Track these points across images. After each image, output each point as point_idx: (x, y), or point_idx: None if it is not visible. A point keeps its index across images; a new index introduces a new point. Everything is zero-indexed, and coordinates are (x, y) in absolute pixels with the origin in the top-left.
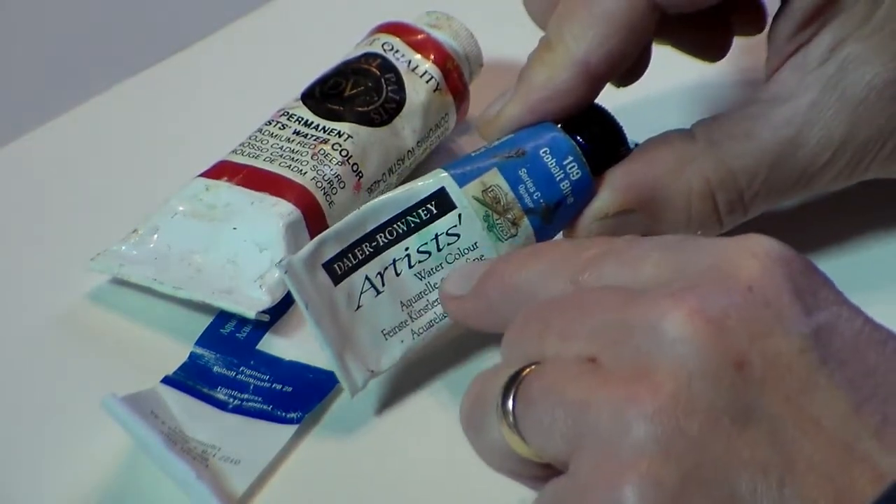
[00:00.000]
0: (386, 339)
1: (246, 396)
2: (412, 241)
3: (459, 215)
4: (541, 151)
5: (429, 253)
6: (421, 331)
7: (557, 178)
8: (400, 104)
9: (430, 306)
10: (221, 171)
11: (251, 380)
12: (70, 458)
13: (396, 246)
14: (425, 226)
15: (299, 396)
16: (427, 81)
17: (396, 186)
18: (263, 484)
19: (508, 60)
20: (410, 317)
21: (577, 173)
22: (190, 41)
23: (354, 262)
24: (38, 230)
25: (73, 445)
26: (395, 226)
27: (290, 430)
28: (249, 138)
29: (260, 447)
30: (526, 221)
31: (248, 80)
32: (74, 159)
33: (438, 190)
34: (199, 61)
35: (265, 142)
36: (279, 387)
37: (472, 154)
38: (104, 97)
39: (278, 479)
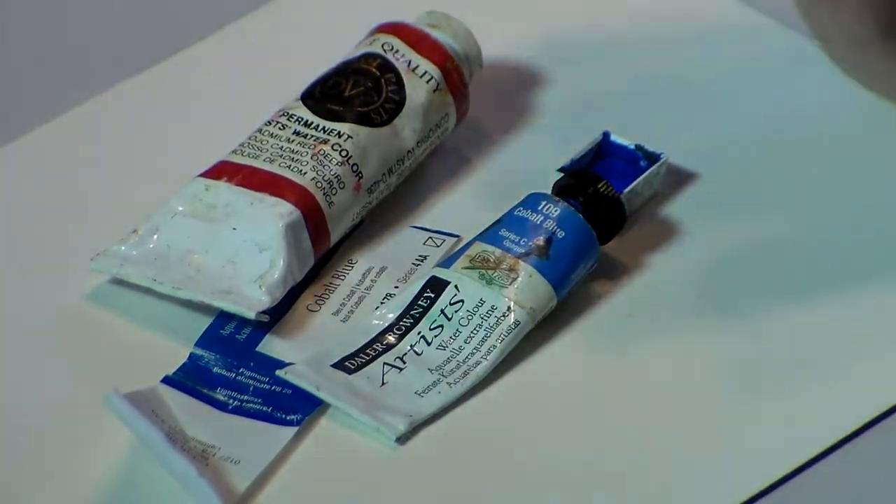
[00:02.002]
0: (422, 397)
1: (246, 398)
2: (422, 326)
3: (456, 285)
4: (515, 211)
5: (441, 326)
6: (457, 380)
7: (538, 222)
8: (400, 104)
9: (460, 364)
10: (221, 171)
11: (251, 381)
12: (70, 457)
13: (408, 336)
14: (428, 310)
15: (299, 399)
16: (427, 81)
17: (396, 186)
18: (264, 484)
19: (508, 60)
20: (443, 375)
21: (556, 210)
22: (190, 41)
23: (367, 359)
24: (38, 230)
25: (73, 445)
26: (401, 323)
27: (290, 431)
28: (249, 138)
29: (260, 448)
30: (522, 264)
31: (248, 80)
32: (74, 159)
33: (429, 279)
34: (199, 61)
35: (265, 142)
36: (279, 389)
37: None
38: (104, 97)
39: (278, 479)
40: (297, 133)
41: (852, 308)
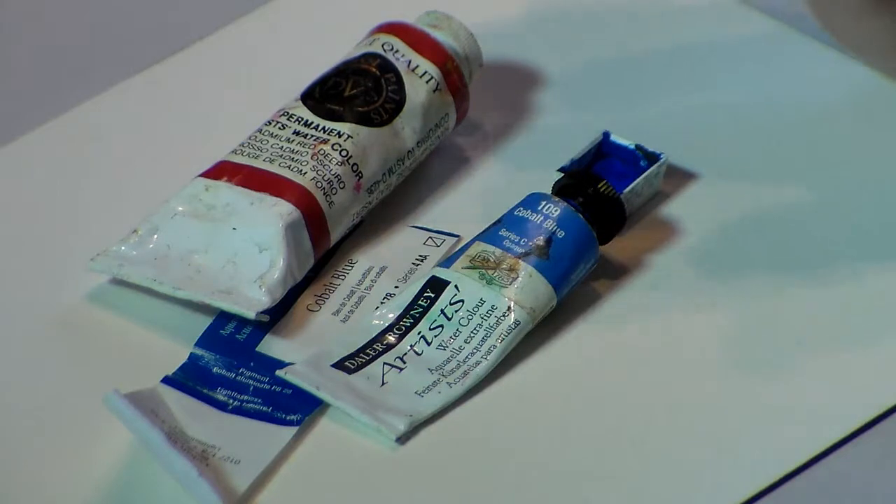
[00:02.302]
0: (422, 397)
1: (246, 398)
2: (422, 326)
3: (455, 285)
4: (515, 211)
5: (441, 326)
6: (457, 380)
7: (538, 222)
8: (400, 104)
9: (460, 364)
10: (221, 171)
11: (251, 381)
12: (70, 457)
13: (408, 336)
14: (428, 310)
15: (299, 399)
16: (427, 81)
17: (396, 186)
18: (264, 484)
19: (508, 60)
20: (443, 375)
21: (556, 210)
22: (190, 41)
23: (367, 359)
24: (38, 230)
25: (73, 445)
26: (401, 323)
27: (290, 431)
28: (249, 138)
29: (260, 448)
30: (523, 264)
31: (248, 79)
32: (74, 159)
33: (429, 279)
34: (200, 61)
35: (265, 142)
36: (279, 389)
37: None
38: (104, 97)
39: (278, 479)
40: (297, 133)
41: (853, 308)
